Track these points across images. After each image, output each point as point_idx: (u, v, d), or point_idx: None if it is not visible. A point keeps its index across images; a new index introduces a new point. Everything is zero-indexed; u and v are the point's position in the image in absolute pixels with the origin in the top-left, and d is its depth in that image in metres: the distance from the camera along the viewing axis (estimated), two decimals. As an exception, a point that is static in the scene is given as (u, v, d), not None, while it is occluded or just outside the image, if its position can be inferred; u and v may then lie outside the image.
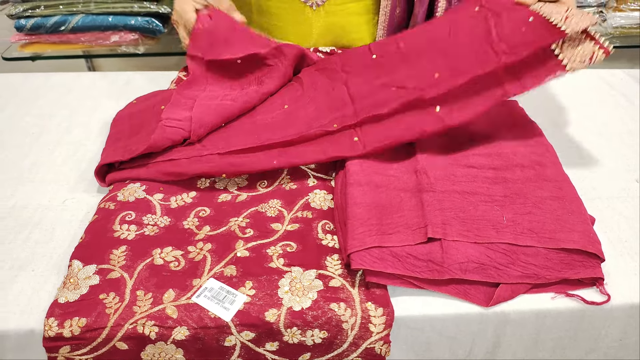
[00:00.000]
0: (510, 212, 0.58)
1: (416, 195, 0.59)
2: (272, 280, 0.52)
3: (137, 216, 0.59)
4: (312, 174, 0.65)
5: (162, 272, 0.53)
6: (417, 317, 0.52)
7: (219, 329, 0.49)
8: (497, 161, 0.65)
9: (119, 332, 0.48)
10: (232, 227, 0.58)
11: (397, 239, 0.54)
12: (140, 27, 1.46)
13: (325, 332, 0.49)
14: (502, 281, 0.53)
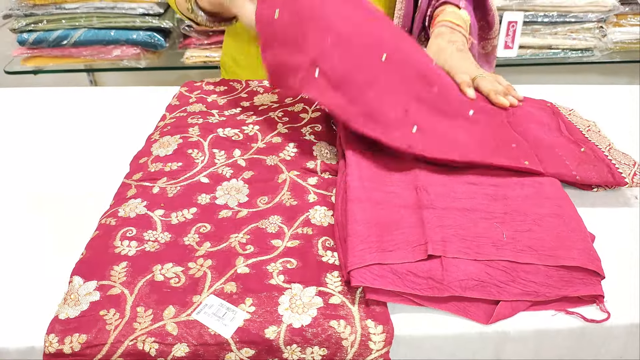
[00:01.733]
0: (510, 230, 0.58)
1: (416, 212, 0.60)
2: (272, 297, 0.52)
3: (137, 232, 0.59)
4: (313, 190, 0.66)
5: (163, 289, 0.53)
6: (417, 334, 0.52)
7: (219, 345, 0.49)
8: (497, 178, 0.66)
9: (119, 349, 0.48)
10: (232, 244, 0.58)
11: (397, 256, 0.54)
12: (141, 42, 1.48)
13: (325, 350, 0.49)
14: (502, 298, 0.53)
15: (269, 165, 0.70)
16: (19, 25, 1.46)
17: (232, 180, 0.67)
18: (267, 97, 0.87)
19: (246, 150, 0.73)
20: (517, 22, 1.60)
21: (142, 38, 1.47)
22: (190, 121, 0.79)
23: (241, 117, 0.81)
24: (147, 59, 1.51)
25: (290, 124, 0.78)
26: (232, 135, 0.76)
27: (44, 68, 1.55)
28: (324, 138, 0.74)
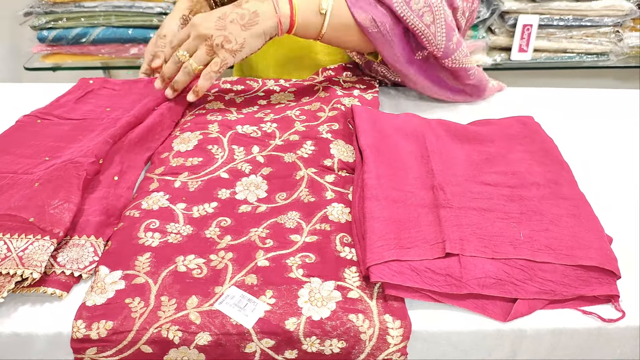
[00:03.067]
0: (527, 229, 0.59)
1: (433, 211, 0.60)
2: (291, 289, 0.53)
3: (161, 224, 0.60)
4: (330, 187, 0.67)
5: (185, 279, 0.54)
6: (434, 330, 0.53)
7: (240, 335, 0.50)
8: (513, 179, 0.67)
9: (144, 336, 0.49)
10: (252, 238, 0.60)
11: (415, 253, 0.55)
12: (159, 41, 1.49)
13: (343, 342, 0.50)
14: (520, 297, 0.54)
15: (287, 162, 0.71)
16: (39, 22, 1.48)
17: (251, 176, 0.69)
18: (283, 96, 0.88)
19: (264, 147, 0.74)
20: (532, 26, 1.60)
21: (160, 37, 1.48)
22: (209, 118, 0.80)
23: (259, 114, 0.82)
24: (164, 58, 1.53)
25: (307, 122, 0.79)
26: (251, 132, 0.77)
27: (62, 65, 1.58)
28: (340, 136, 0.75)
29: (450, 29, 0.81)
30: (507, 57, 1.64)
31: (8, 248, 0.54)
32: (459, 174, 0.67)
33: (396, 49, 0.81)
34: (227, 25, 0.75)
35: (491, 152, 0.72)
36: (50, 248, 0.54)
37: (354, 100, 0.83)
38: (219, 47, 0.75)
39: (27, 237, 0.55)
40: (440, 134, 0.75)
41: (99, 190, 0.64)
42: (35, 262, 0.52)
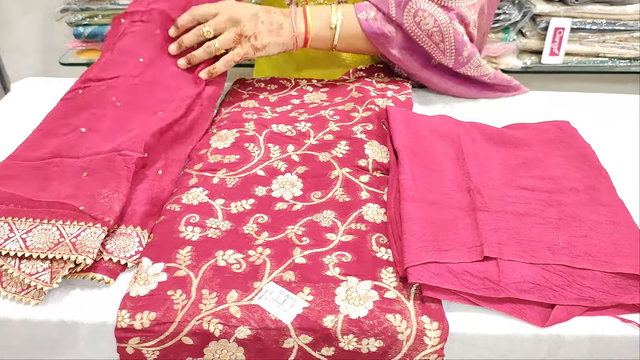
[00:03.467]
0: (566, 235, 0.59)
1: (470, 214, 0.60)
2: (329, 287, 0.54)
3: (200, 219, 0.61)
4: (365, 188, 0.67)
5: (225, 273, 0.55)
6: (471, 333, 0.53)
7: (279, 330, 0.51)
8: (550, 185, 0.66)
9: (186, 328, 0.50)
10: (288, 235, 0.60)
11: (453, 256, 0.55)
12: (191, 38, 1.51)
13: (380, 342, 0.51)
14: (558, 302, 0.53)
15: (321, 161, 0.72)
16: (75, 19, 1.51)
17: (287, 175, 0.69)
18: (316, 96, 0.89)
19: (299, 146, 0.75)
20: (564, 29, 1.58)
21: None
22: (245, 116, 0.81)
23: (293, 114, 0.83)
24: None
25: (341, 122, 0.80)
26: (286, 131, 0.78)
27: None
28: (374, 137, 0.76)
29: (460, 45, 0.83)
30: (537, 60, 1.62)
31: (61, 234, 0.55)
32: (495, 178, 0.67)
33: (405, 57, 0.86)
34: (258, 24, 0.81)
35: (527, 157, 0.72)
36: (101, 235, 0.55)
37: (388, 101, 0.84)
38: (247, 39, 0.80)
39: (79, 224, 0.56)
40: (475, 137, 0.74)
41: (144, 183, 0.65)
42: (88, 248, 0.54)
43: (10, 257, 0.54)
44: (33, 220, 0.57)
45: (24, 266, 0.54)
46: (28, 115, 0.86)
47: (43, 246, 0.54)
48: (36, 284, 0.52)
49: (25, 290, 0.53)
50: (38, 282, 0.52)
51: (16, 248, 0.54)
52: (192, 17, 0.81)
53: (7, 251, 0.54)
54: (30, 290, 0.53)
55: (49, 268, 0.53)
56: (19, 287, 0.54)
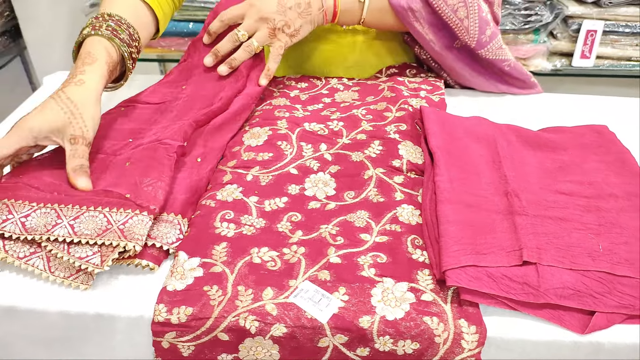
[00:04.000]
0: (606, 241, 0.57)
1: (508, 218, 0.60)
2: (364, 288, 0.54)
3: (235, 215, 0.61)
4: (399, 188, 0.66)
5: (260, 271, 0.55)
6: (508, 338, 0.52)
7: (315, 329, 0.50)
8: (589, 190, 0.65)
9: (222, 324, 0.50)
10: (322, 234, 0.60)
11: (491, 260, 0.54)
12: (218, 35, 1.52)
13: (417, 344, 0.50)
14: (598, 310, 0.52)
15: (354, 161, 0.71)
16: (105, 13, 1.53)
17: (320, 173, 0.69)
18: (347, 95, 0.88)
19: (332, 145, 0.74)
20: (597, 32, 1.55)
21: (219, 31, 1.51)
22: (277, 114, 0.81)
23: (325, 112, 0.82)
24: (222, 52, 1.55)
25: (374, 121, 0.79)
26: (318, 130, 0.77)
27: (123, 55, 1.62)
28: (408, 137, 0.75)
29: (484, 23, 0.85)
30: (568, 63, 1.59)
31: (108, 221, 0.56)
32: (532, 182, 0.66)
33: (428, 34, 0.87)
34: (286, 11, 0.81)
35: (564, 161, 0.70)
36: (148, 223, 0.56)
37: (422, 102, 0.83)
38: (280, 30, 0.81)
39: (126, 211, 0.56)
40: (511, 139, 0.73)
41: (183, 171, 0.66)
42: (136, 235, 0.54)
43: (59, 242, 0.55)
44: (80, 208, 0.57)
45: (73, 250, 0.54)
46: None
47: (91, 232, 0.55)
48: (87, 267, 0.53)
49: (75, 275, 0.54)
50: (89, 264, 0.53)
51: (64, 234, 0.55)
52: (222, 22, 0.83)
53: (56, 237, 0.55)
54: (80, 275, 0.54)
55: (98, 252, 0.54)
56: (67, 271, 0.54)
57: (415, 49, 0.94)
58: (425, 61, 0.96)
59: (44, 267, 0.55)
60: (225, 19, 0.82)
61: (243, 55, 0.81)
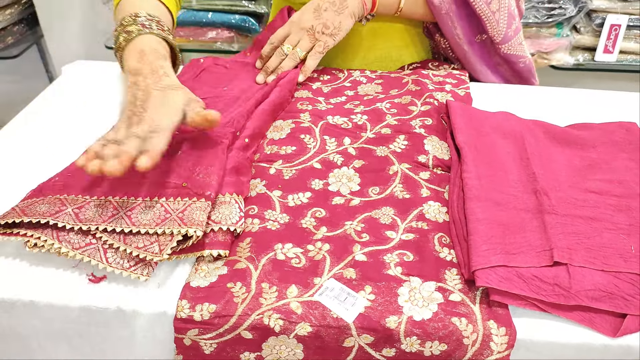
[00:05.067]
0: (638, 242, 0.56)
1: (537, 217, 0.58)
2: (391, 287, 0.53)
3: (259, 210, 0.60)
4: (425, 185, 0.65)
5: (284, 267, 0.54)
6: (538, 340, 0.51)
7: (340, 329, 0.50)
8: (619, 189, 0.63)
9: (246, 322, 0.49)
10: (347, 231, 0.59)
11: (521, 260, 0.53)
12: (236, 25, 1.51)
13: (444, 345, 0.49)
14: (630, 312, 0.51)
15: (379, 156, 0.70)
16: (123, 2, 1.52)
17: (343, 168, 0.68)
18: (370, 87, 0.87)
19: (356, 139, 0.73)
20: (621, 26, 1.52)
21: (237, 21, 1.49)
22: (299, 107, 0.80)
23: (348, 106, 0.81)
24: (239, 43, 1.54)
25: (398, 115, 0.78)
26: (342, 124, 0.76)
27: (141, 45, 1.61)
28: (434, 132, 0.74)
29: (511, 17, 0.87)
30: (590, 57, 1.57)
31: (166, 210, 0.55)
32: (561, 180, 0.64)
33: (457, 27, 0.89)
34: (322, 14, 0.84)
35: (593, 158, 0.69)
36: (207, 209, 0.55)
37: (447, 96, 0.81)
38: (320, 33, 0.85)
39: (183, 200, 0.56)
40: (539, 136, 0.72)
41: (232, 152, 0.66)
42: (196, 221, 0.53)
43: (116, 233, 0.54)
44: (135, 198, 0.57)
45: (129, 240, 0.53)
46: (81, 97, 0.87)
47: (150, 222, 0.54)
48: (145, 256, 0.52)
49: (134, 267, 0.53)
50: (147, 253, 0.52)
51: (122, 224, 0.54)
52: (272, 45, 0.87)
53: (113, 227, 0.54)
54: (139, 266, 0.53)
55: (156, 241, 0.53)
56: (126, 262, 0.53)
57: (436, 37, 0.95)
58: (444, 50, 0.96)
59: (101, 258, 0.53)
60: (274, 41, 0.87)
61: (289, 63, 0.85)
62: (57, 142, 0.75)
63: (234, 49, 1.53)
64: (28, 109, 0.84)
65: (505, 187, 0.62)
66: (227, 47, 1.54)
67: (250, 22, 1.49)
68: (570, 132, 0.74)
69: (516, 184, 0.63)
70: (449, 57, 0.96)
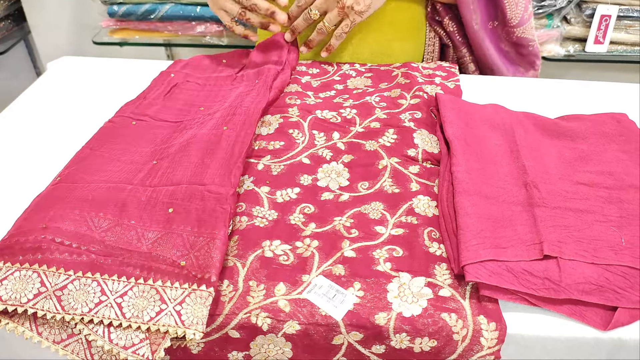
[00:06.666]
0: (628, 234, 0.56)
1: (527, 210, 0.58)
2: (380, 283, 0.52)
3: (247, 207, 0.60)
4: (415, 179, 0.65)
5: (272, 265, 0.53)
6: (528, 334, 0.50)
7: (329, 326, 0.49)
8: (609, 180, 0.63)
9: (233, 321, 0.49)
10: (336, 227, 0.58)
11: (511, 254, 0.52)
12: (225, 19, 1.48)
13: (434, 341, 0.49)
14: (621, 305, 0.51)
15: (368, 150, 0.69)
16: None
17: (332, 163, 0.67)
18: (360, 81, 0.86)
19: (345, 134, 0.72)
20: (611, 16, 1.51)
21: (226, 15, 1.48)
22: (288, 101, 0.79)
23: (337, 100, 0.80)
24: (229, 37, 1.52)
25: (388, 109, 0.77)
26: (331, 118, 0.75)
27: (129, 40, 1.59)
28: (423, 126, 0.73)
29: (527, 1, 0.89)
30: (581, 48, 1.56)
31: (162, 299, 0.48)
32: (551, 172, 0.63)
33: (476, 11, 0.89)
34: None
35: (584, 150, 0.68)
36: (209, 299, 0.47)
37: (437, 88, 0.81)
38: (350, 9, 0.83)
39: (182, 286, 0.48)
40: (529, 128, 0.71)
41: None
42: (196, 319, 0.46)
43: (97, 324, 0.47)
44: (127, 280, 0.49)
45: (115, 337, 0.46)
46: (66, 94, 0.85)
47: (142, 314, 0.47)
48: (135, 359, 0.45)
49: None
50: (137, 356, 0.45)
51: (112, 316, 0.47)
52: (299, 7, 0.86)
53: (100, 318, 0.47)
54: None
55: (146, 339, 0.46)
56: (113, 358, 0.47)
57: (445, 20, 0.94)
58: (451, 34, 0.95)
59: (85, 354, 0.47)
60: (302, 3, 0.85)
61: (316, 37, 0.87)
62: (39, 141, 0.73)
63: (224, 43, 1.52)
64: (11, 106, 0.82)
65: (495, 180, 0.61)
66: (217, 42, 1.52)
67: (239, 15, 1.48)
68: (560, 123, 0.73)
69: (506, 177, 0.62)
70: (455, 41, 0.95)
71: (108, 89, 0.87)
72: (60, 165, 0.65)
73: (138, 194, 0.57)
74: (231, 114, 0.70)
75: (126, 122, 0.72)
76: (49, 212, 0.54)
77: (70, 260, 0.50)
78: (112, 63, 0.96)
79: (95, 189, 0.57)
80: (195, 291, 0.48)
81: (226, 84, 0.81)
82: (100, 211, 0.55)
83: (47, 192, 0.58)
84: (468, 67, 0.97)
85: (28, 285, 0.48)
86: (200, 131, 0.67)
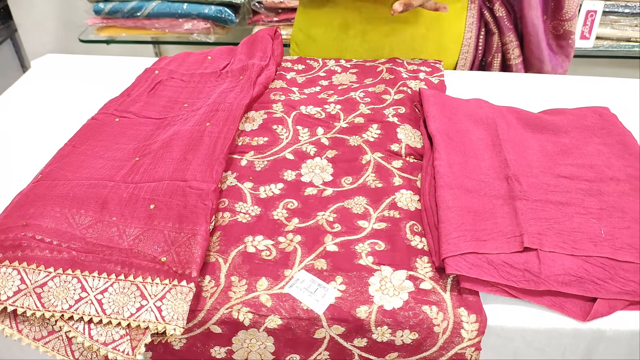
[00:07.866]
0: (608, 226, 0.56)
1: (509, 203, 0.58)
2: (362, 277, 0.52)
3: (230, 203, 0.60)
4: (398, 173, 0.65)
5: (254, 260, 0.53)
6: (508, 326, 0.51)
7: (310, 321, 0.49)
8: (590, 173, 0.64)
9: (215, 316, 0.49)
10: (319, 221, 0.58)
11: (492, 246, 0.53)
12: (212, 16, 1.48)
13: (415, 334, 0.49)
14: (600, 296, 0.51)
15: (352, 145, 0.69)
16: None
17: (316, 159, 0.67)
18: (345, 77, 0.86)
19: (329, 129, 0.72)
20: (597, 12, 1.52)
21: (214, 13, 1.47)
22: (272, 97, 0.79)
23: (322, 95, 0.80)
24: (216, 34, 1.51)
25: (372, 104, 0.77)
26: (315, 114, 0.75)
27: (116, 38, 1.58)
28: (407, 121, 0.73)
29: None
30: (567, 43, 1.57)
31: (142, 294, 0.48)
32: (533, 165, 0.64)
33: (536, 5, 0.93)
34: None
35: (566, 144, 0.69)
36: (189, 295, 0.48)
37: (421, 84, 0.81)
38: None
39: (163, 282, 0.48)
40: (511, 122, 0.72)
41: None
42: (176, 314, 0.47)
43: (77, 321, 0.47)
44: (108, 276, 0.49)
45: (95, 333, 0.46)
46: (50, 92, 0.85)
47: (123, 310, 0.47)
48: (115, 356, 0.46)
49: None
50: (117, 353, 0.46)
51: (92, 312, 0.47)
52: None
53: (80, 315, 0.47)
54: None
55: (126, 335, 0.46)
56: (94, 356, 0.47)
57: (496, 6, 0.94)
58: (500, 19, 0.95)
59: (66, 351, 0.47)
60: None
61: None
62: (21, 139, 0.73)
63: (211, 41, 1.51)
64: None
65: (476, 174, 0.62)
66: (204, 39, 1.52)
67: (226, 12, 1.47)
68: (543, 117, 0.74)
69: (488, 171, 0.63)
70: (503, 27, 0.96)
71: (92, 86, 0.86)
72: (42, 162, 0.65)
73: (120, 191, 0.57)
74: (214, 110, 0.70)
75: (109, 119, 0.71)
76: (29, 209, 0.54)
77: (51, 257, 0.50)
78: (96, 60, 0.96)
79: (76, 186, 0.57)
80: (176, 287, 0.48)
81: (210, 80, 0.81)
82: (81, 208, 0.55)
83: (28, 189, 0.58)
84: (513, 52, 0.98)
85: (8, 283, 0.48)
86: (183, 127, 0.67)
